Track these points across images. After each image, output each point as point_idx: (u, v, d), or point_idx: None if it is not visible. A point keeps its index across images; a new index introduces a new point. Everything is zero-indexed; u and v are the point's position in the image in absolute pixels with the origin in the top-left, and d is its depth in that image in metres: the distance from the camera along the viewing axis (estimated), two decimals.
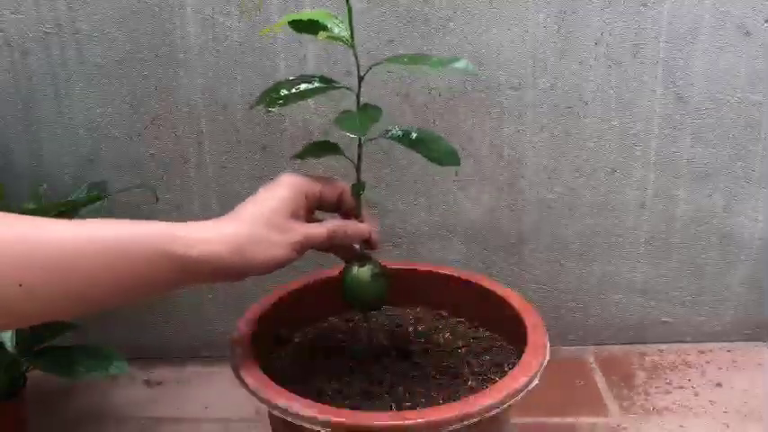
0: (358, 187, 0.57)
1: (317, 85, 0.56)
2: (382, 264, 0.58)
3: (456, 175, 0.87)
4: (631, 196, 0.88)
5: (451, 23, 0.81)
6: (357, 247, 0.59)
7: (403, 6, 0.80)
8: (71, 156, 0.87)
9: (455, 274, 0.69)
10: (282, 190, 0.52)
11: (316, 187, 0.54)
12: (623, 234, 0.90)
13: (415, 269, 0.71)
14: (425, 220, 0.89)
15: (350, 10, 0.52)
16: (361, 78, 0.55)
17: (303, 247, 0.51)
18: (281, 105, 0.53)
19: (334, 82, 0.56)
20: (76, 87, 0.84)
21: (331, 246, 0.55)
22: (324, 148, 0.59)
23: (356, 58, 0.54)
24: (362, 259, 0.58)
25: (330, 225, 0.53)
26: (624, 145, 0.86)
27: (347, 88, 0.56)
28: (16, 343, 0.67)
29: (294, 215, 0.51)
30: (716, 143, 0.85)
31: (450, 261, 0.91)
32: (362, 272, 0.57)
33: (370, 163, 0.85)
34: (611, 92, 0.84)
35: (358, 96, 0.55)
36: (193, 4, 0.80)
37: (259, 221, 0.49)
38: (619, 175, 0.87)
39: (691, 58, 0.82)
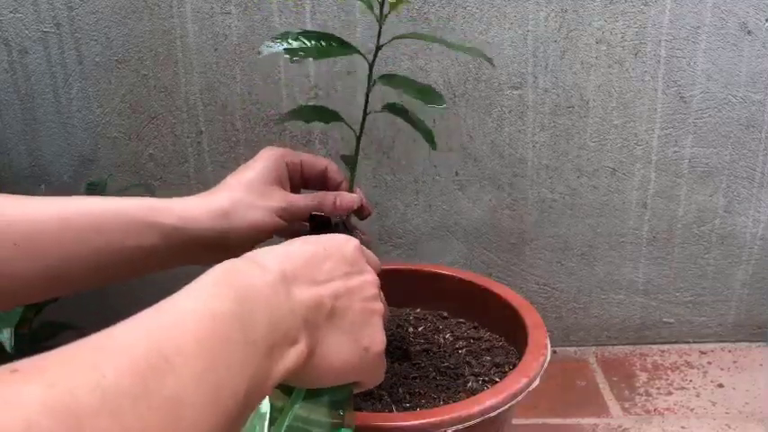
0: (355, 158, 0.56)
1: (335, 45, 0.53)
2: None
3: (456, 174, 0.87)
4: (633, 196, 0.87)
5: (452, 23, 0.81)
6: (347, 216, 0.57)
7: (403, 5, 0.80)
8: (70, 155, 0.87)
9: (455, 275, 0.69)
10: (262, 161, 0.52)
11: (296, 156, 0.54)
12: (624, 234, 0.89)
13: (416, 269, 0.71)
14: (425, 220, 0.89)
15: None
16: (378, 47, 0.53)
17: (288, 213, 0.51)
18: (301, 58, 0.50)
19: (348, 45, 0.54)
20: (75, 87, 0.84)
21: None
22: (323, 113, 0.57)
23: (379, 11, 0.52)
24: (349, 230, 0.57)
25: (319, 194, 0.53)
26: (625, 144, 0.85)
27: (363, 55, 0.54)
28: (15, 344, 0.67)
29: (277, 183, 0.52)
30: (717, 143, 0.85)
31: (450, 261, 0.90)
32: None
33: (370, 162, 0.85)
34: (613, 91, 0.83)
35: (371, 67, 0.54)
36: (192, 2, 0.80)
37: (239, 188, 0.50)
38: (620, 175, 0.87)
39: (692, 58, 0.82)
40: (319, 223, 0.54)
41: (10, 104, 0.84)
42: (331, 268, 0.38)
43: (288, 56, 0.50)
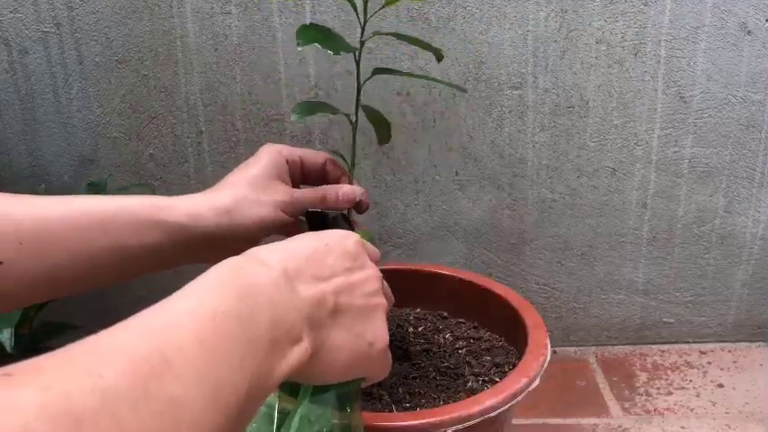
0: (352, 150, 0.56)
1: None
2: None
3: (456, 174, 0.87)
4: (633, 196, 0.87)
5: (452, 23, 0.81)
6: (347, 211, 0.58)
7: (403, 5, 0.80)
8: (70, 155, 0.87)
9: (455, 275, 0.69)
10: (263, 157, 0.52)
11: (296, 152, 0.54)
12: (624, 234, 0.89)
13: (416, 270, 0.71)
14: (425, 220, 0.89)
15: None
16: (362, 43, 0.54)
17: (291, 208, 0.51)
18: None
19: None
20: (75, 87, 0.84)
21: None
22: (320, 106, 0.58)
23: (363, 13, 0.53)
24: (349, 225, 0.57)
25: (322, 188, 0.54)
26: (625, 144, 0.85)
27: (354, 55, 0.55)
28: (15, 344, 0.67)
29: (279, 178, 0.52)
30: (717, 143, 0.85)
31: (450, 261, 0.90)
32: None
33: (370, 162, 0.85)
34: (613, 91, 0.83)
35: (358, 64, 0.55)
36: (192, 2, 0.80)
37: (242, 184, 0.50)
38: (620, 175, 0.87)
39: (692, 58, 0.82)
40: (317, 219, 0.54)
41: (10, 104, 0.84)
42: (333, 264, 0.38)
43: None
